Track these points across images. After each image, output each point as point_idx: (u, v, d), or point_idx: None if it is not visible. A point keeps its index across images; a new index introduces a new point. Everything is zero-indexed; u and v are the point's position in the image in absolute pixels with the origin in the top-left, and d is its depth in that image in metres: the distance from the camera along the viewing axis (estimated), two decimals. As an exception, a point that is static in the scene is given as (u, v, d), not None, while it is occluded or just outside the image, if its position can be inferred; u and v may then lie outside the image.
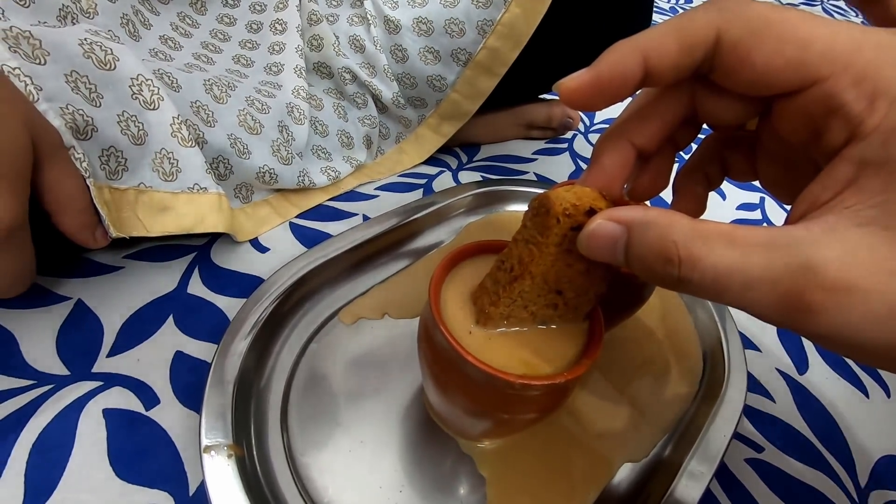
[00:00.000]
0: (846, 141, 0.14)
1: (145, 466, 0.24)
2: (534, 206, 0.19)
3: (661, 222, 0.14)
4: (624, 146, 0.18)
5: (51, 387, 0.26)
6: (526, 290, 0.20)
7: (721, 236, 0.13)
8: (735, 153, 0.20)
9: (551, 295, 0.20)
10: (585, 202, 0.17)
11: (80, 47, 0.28)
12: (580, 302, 0.21)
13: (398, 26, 0.44)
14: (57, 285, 0.31)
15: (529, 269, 0.19)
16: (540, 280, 0.19)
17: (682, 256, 0.13)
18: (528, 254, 0.19)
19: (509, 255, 0.20)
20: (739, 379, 0.32)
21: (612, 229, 0.15)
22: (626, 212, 0.15)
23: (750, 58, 0.14)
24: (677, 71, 0.16)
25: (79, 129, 0.27)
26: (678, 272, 0.14)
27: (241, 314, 0.29)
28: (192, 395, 0.27)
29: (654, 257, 0.14)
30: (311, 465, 0.25)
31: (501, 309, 0.20)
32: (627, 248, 0.15)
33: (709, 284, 0.13)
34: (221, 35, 0.44)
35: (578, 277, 0.19)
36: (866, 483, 0.31)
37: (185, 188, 0.33)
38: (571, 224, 0.17)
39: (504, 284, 0.20)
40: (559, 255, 0.18)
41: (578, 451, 0.28)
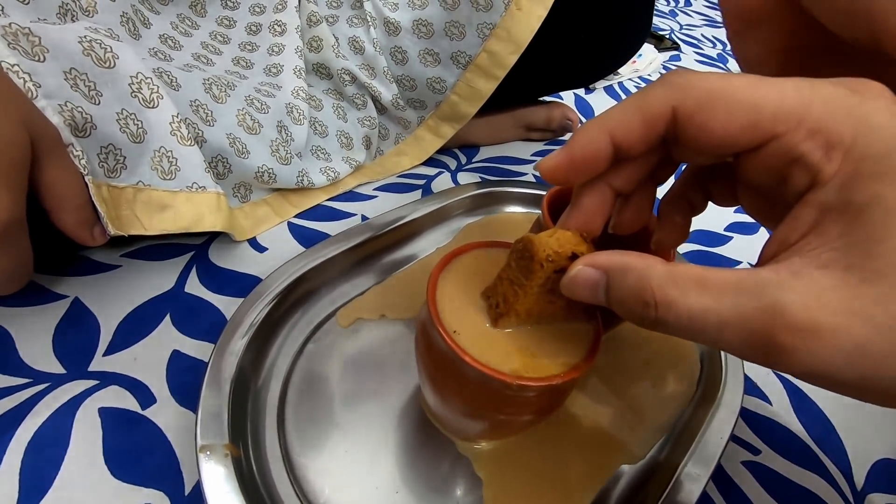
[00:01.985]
0: (808, 186, 0.14)
1: (141, 466, 0.24)
2: (518, 249, 0.20)
3: (638, 267, 0.15)
4: (602, 188, 0.19)
5: (46, 385, 0.26)
6: (512, 325, 0.21)
7: (694, 281, 0.14)
8: (716, 182, 0.21)
9: (535, 327, 0.21)
10: (567, 248, 0.18)
11: (79, 45, 0.28)
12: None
13: (398, 28, 0.44)
14: (54, 283, 0.31)
15: (514, 308, 0.20)
16: (524, 315, 0.21)
17: (657, 300, 0.14)
18: (514, 294, 0.20)
19: (495, 292, 0.21)
20: (736, 381, 0.32)
21: (592, 275, 0.17)
22: (605, 257, 0.16)
23: (707, 127, 0.15)
24: (645, 144, 0.17)
25: (77, 127, 0.27)
26: (655, 314, 0.14)
27: (239, 314, 0.29)
28: (189, 395, 0.27)
29: (632, 301, 0.15)
30: (308, 466, 0.25)
31: None
32: (608, 292, 0.16)
33: (684, 326, 0.14)
34: (221, 37, 0.44)
35: (559, 312, 0.21)
36: (862, 486, 0.31)
37: (184, 187, 0.32)
38: (554, 268, 0.18)
39: (491, 320, 0.21)
40: (542, 294, 0.19)
41: (575, 454, 0.28)
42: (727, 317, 0.13)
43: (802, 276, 0.13)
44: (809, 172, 0.14)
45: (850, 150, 0.13)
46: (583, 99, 0.72)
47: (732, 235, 0.50)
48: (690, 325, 0.14)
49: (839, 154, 0.14)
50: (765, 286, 0.13)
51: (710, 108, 0.15)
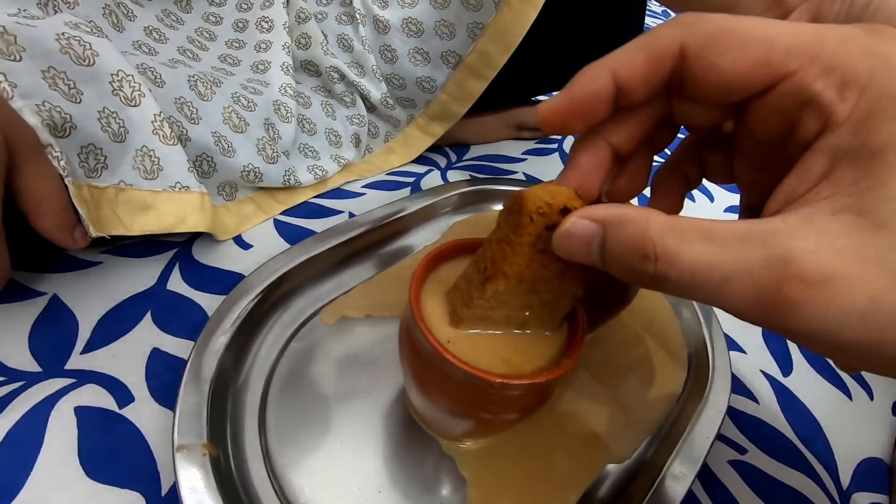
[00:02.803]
0: (819, 132, 0.14)
1: (117, 466, 0.24)
2: (508, 205, 0.18)
3: (638, 218, 0.14)
4: (601, 146, 0.18)
5: (21, 384, 0.26)
6: (500, 292, 0.19)
7: (697, 231, 0.13)
8: (713, 154, 0.20)
9: (526, 297, 0.20)
10: (560, 201, 0.17)
11: (57, 42, 0.27)
12: (557, 306, 0.20)
13: (387, 26, 0.44)
14: (32, 280, 0.31)
15: (502, 269, 0.18)
16: (514, 281, 0.19)
17: (658, 252, 0.13)
18: (501, 253, 0.18)
19: (483, 256, 0.20)
20: (723, 380, 0.32)
21: (588, 227, 0.15)
22: (602, 210, 0.15)
23: (716, 65, 0.14)
24: (648, 85, 0.16)
25: (56, 127, 0.26)
26: (655, 269, 0.13)
27: (221, 311, 0.29)
28: (169, 394, 0.27)
29: (630, 254, 0.14)
30: (289, 465, 0.25)
31: (474, 310, 0.20)
32: (603, 246, 0.15)
33: (686, 280, 0.13)
34: (207, 34, 0.44)
35: (553, 279, 0.19)
36: (848, 485, 0.31)
37: (167, 187, 0.32)
38: (545, 223, 0.17)
39: (477, 285, 0.19)
40: (533, 255, 0.18)
41: (561, 453, 0.28)
42: (732, 269, 0.12)
43: (813, 223, 0.12)
44: (821, 115, 0.13)
45: (865, 89, 0.13)
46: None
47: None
48: (692, 280, 0.13)
49: (854, 93, 0.13)
50: (773, 235, 0.12)
51: (721, 43, 0.14)
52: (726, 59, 0.14)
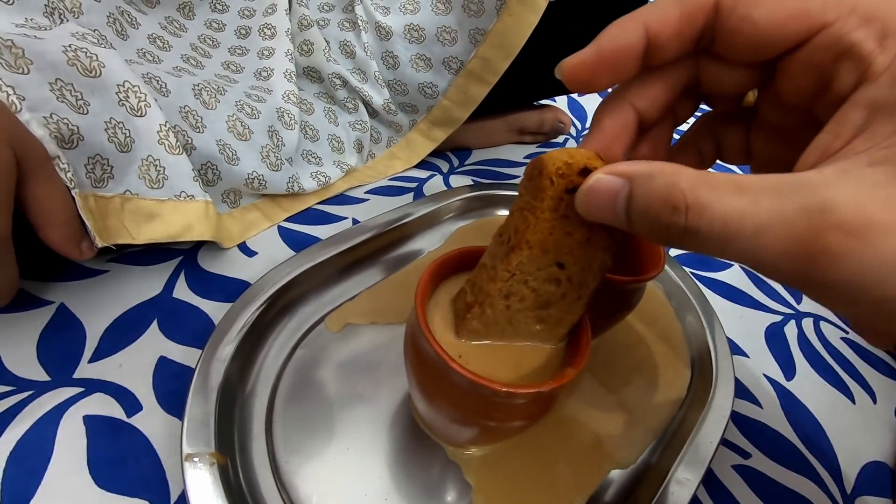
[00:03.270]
0: (856, 85, 0.13)
1: (125, 474, 0.24)
2: (528, 171, 0.18)
3: (667, 171, 0.13)
4: (625, 109, 0.17)
5: (30, 393, 0.26)
6: (524, 262, 0.18)
7: (729, 183, 0.13)
8: (730, 130, 0.20)
9: (552, 268, 0.19)
10: (579, 161, 0.16)
11: (64, 54, 0.27)
12: (584, 277, 0.20)
13: (389, 33, 0.44)
14: (39, 289, 0.31)
15: (526, 237, 0.18)
16: (538, 250, 0.18)
17: (689, 203, 0.13)
18: (524, 221, 0.18)
19: (506, 227, 0.19)
20: (727, 385, 0.32)
21: (613, 182, 0.14)
22: (628, 164, 0.14)
23: (750, 17, 0.14)
24: (679, 41, 0.15)
25: (64, 139, 0.27)
26: (685, 221, 0.13)
27: (227, 319, 0.29)
28: (176, 402, 0.27)
29: (659, 207, 0.13)
30: (296, 473, 0.25)
31: (499, 284, 0.19)
32: (629, 202, 0.14)
33: (717, 232, 0.12)
34: (210, 41, 0.44)
35: (579, 248, 0.18)
36: (852, 489, 0.31)
37: (172, 196, 0.32)
38: (566, 185, 0.17)
39: (501, 257, 0.19)
40: (556, 221, 0.17)
41: (566, 459, 0.28)
42: (766, 219, 0.12)
43: (851, 174, 0.12)
44: (859, 66, 0.13)
45: None
46: (576, 101, 0.73)
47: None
48: (724, 232, 0.12)
49: (894, 43, 0.12)
50: (810, 185, 0.12)
51: None
52: (761, 11, 0.14)
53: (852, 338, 0.42)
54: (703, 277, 0.44)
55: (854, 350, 0.41)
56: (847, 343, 0.41)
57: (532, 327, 0.21)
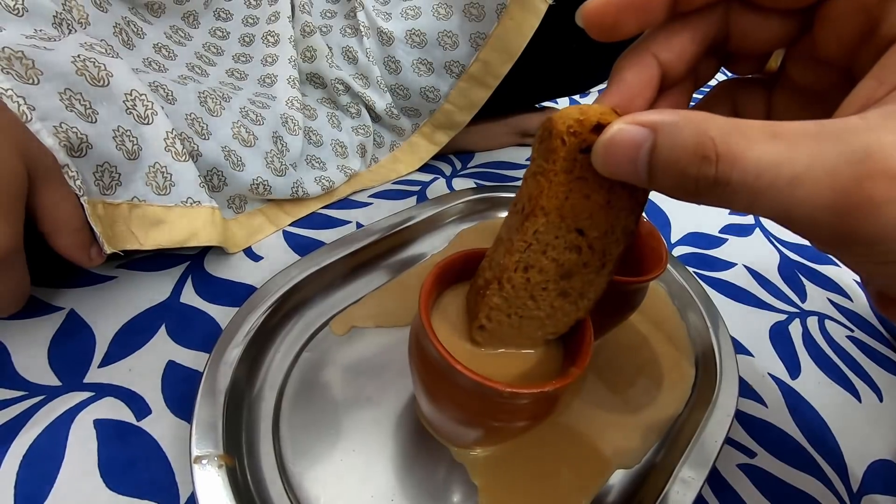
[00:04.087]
0: None
1: (136, 477, 0.24)
2: (539, 134, 0.17)
3: (696, 118, 0.12)
4: (649, 61, 0.16)
5: (42, 398, 0.26)
6: (541, 231, 0.17)
7: (762, 130, 0.12)
8: (750, 96, 0.19)
9: (571, 235, 0.18)
10: (592, 117, 0.15)
11: (73, 65, 0.28)
12: (606, 244, 0.18)
13: (391, 38, 0.45)
14: (50, 295, 0.31)
15: (540, 203, 0.17)
16: (555, 217, 0.17)
17: (720, 152, 0.12)
18: (537, 187, 0.17)
19: (520, 196, 0.18)
20: (731, 384, 0.32)
21: (635, 133, 0.13)
22: (652, 114, 0.13)
23: None
24: None
25: (73, 147, 0.27)
26: (715, 171, 0.12)
27: (234, 323, 0.29)
28: (184, 405, 0.27)
29: (687, 157, 0.12)
30: (303, 475, 0.25)
31: (517, 256, 0.18)
32: (653, 154, 0.13)
33: (750, 183, 0.12)
34: (215, 48, 0.45)
35: (599, 212, 0.17)
36: (858, 488, 0.31)
37: (179, 202, 0.33)
38: (579, 144, 0.15)
39: (517, 227, 0.18)
40: (572, 184, 0.16)
41: (571, 459, 0.28)
42: (804, 168, 0.11)
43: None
44: None
45: None
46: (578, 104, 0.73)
47: (727, 237, 0.50)
48: (756, 182, 0.11)
49: None
50: (852, 131, 0.11)
51: None
52: None
53: (858, 336, 0.42)
54: (706, 277, 0.44)
55: (859, 348, 0.41)
56: (852, 341, 0.41)
57: (554, 301, 0.20)
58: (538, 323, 0.21)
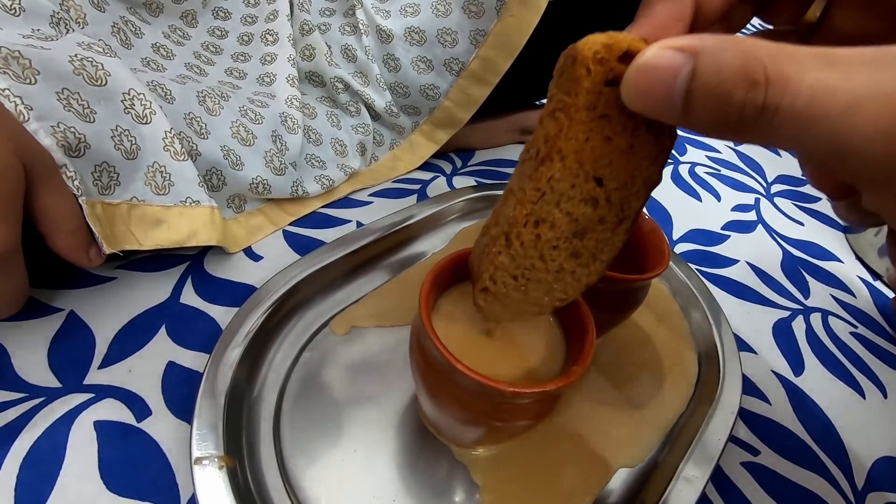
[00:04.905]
0: None
1: (136, 479, 0.24)
2: (559, 65, 0.15)
3: (741, 42, 0.11)
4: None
5: (42, 399, 0.26)
6: (556, 177, 0.16)
7: (815, 55, 0.11)
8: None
9: (589, 185, 0.16)
10: (621, 43, 0.14)
11: (70, 64, 0.28)
12: (626, 196, 0.17)
13: (390, 36, 0.44)
14: (49, 297, 0.31)
15: (558, 145, 0.15)
16: (573, 162, 0.15)
17: (770, 75, 0.11)
18: (555, 125, 0.15)
19: (534, 140, 0.17)
20: (734, 381, 0.32)
21: (673, 57, 0.12)
22: (691, 38, 0.12)
23: None
24: None
25: (71, 147, 0.27)
26: (764, 96, 0.11)
27: (234, 323, 0.29)
28: (185, 406, 0.27)
29: (732, 82, 0.11)
30: (304, 476, 0.25)
31: (528, 207, 0.17)
32: (693, 80, 0.12)
33: (800, 110, 0.11)
34: (213, 48, 0.45)
35: (620, 158, 0.16)
36: (863, 485, 0.31)
37: (178, 202, 0.33)
38: (605, 74, 0.14)
39: (529, 174, 0.16)
40: (594, 123, 0.15)
41: (573, 458, 0.28)
42: (864, 93, 0.10)
43: None
44: None
45: None
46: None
47: (729, 234, 0.50)
48: (808, 108, 0.11)
49: None
50: None
51: None
52: None
53: (861, 333, 0.42)
54: (708, 274, 0.44)
55: (864, 345, 0.40)
56: (856, 338, 0.41)
57: (565, 262, 0.18)
58: (546, 287, 0.19)
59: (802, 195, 0.59)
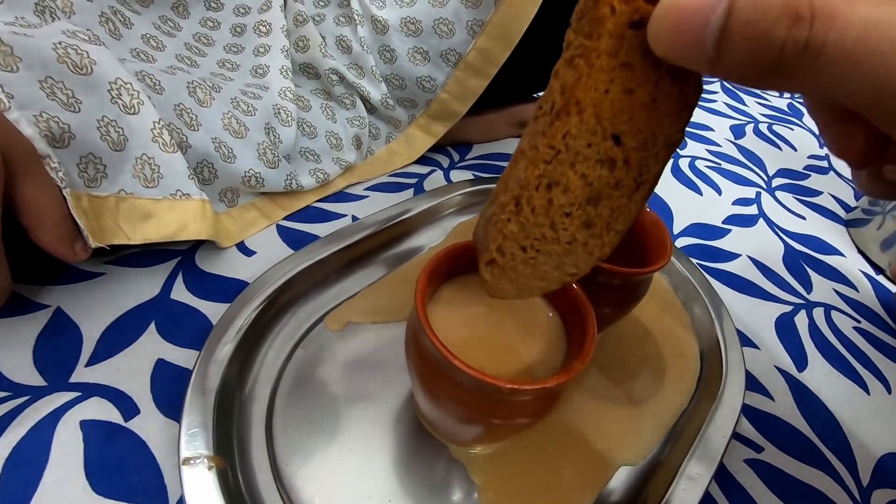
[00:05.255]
0: None
1: (123, 480, 0.23)
2: (578, 8, 0.15)
3: None
4: None
5: (26, 398, 0.25)
6: (573, 133, 0.15)
7: None
8: None
9: (606, 143, 0.15)
10: None
11: (54, 51, 0.27)
12: (645, 158, 0.16)
13: (386, 26, 0.43)
14: (35, 293, 0.30)
15: (576, 95, 0.14)
16: (591, 115, 0.14)
17: (816, 9, 0.10)
18: (574, 74, 0.14)
19: (548, 94, 0.15)
20: (737, 377, 0.32)
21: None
22: None
23: None
24: None
25: (55, 137, 0.26)
26: (808, 33, 0.10)
27: (225, 319, 0.28)
28: (174, 405, 0.26)
29: (774, 16, 0.10)
30: (297, 475, 0.24)
31: (541, 168, 0.16)
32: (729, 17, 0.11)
33: (850, 47, 0.10)
34: (205, 39, 0.44)
35: (641, 112, 0.15)
36: (868, 482, 0.30)
37: (168, 195, 0.32)
38: (630, 15, 0.13)
39: (543, 130, 0.15)
40: (615, 72, 0.14)
41: (573, 456, 0.27)
42: None
43: None
44: None
45: None
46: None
47: (731, 228, 0.49)
48: (858, 46, 0.10)
49: None
50: None
51: None
52: None
53: (865, 327, 0.41)
54: (709, 268, 0.43)
55: (867, 340, 0.40)
56: (859, 332, 0.40)
57: (577, 232, 0.17)
58: (556, 260, 0.18)
59: (804, 189, 0.58)
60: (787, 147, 0.66)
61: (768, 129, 0.69)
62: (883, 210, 0.49)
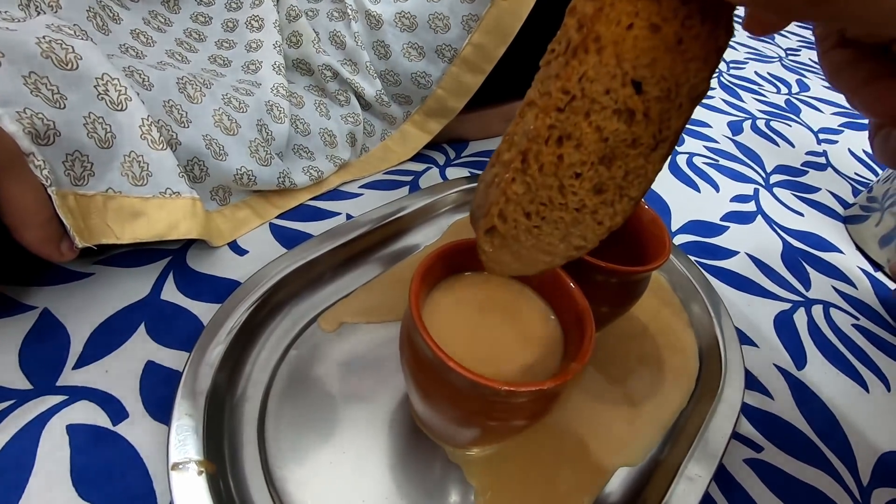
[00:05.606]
0: None
1: (111, 486, 0.23)
2: None
3: None
4: None
5: (11, 402, 0.25)
6: (590, 76, 0.13)
7: None
8: None
9: (626, 90, 0.14)
10: None
11: (38, 46, 0.26)
12: (666, 111, 0.14)
13: (380, 21, 0.43)
14: (21, 294, 0.30)
15: (596, 29, 0.13)
16: (610, 55, 0.13)
17: None
18: (595, 5, 0.12)
19: (563, 31, 0.14)
20: (736, 376, 0.31)
21: None
22: None
23: None
24: None
25: (39, 134, 0.26)
26: None
27: (216, 320, 0.28)
28: (164, 408, 0.26)
29: None
30: (290, 479, 0.24)
31: (553, 117, 0.14)
32: None
33: None
34: (196, 34, 0.43)
35: (666, 56, 0.13)
36: (868, 481, 0.30)
37: (157, 193, 0.31)
38: None
39: (556, 73, 0.14)
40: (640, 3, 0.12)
41: (571, 457, 0.27)
42: None
43: None
44: None
45: None
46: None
47: (729, 225, 0.49)
48: None
49: None
50: None
51: None
52: None
53: (863, 325, 0.41)
54: (708, 266, 0.43)
55: (866, 337, 0.40)
56: (858, 330, 0.40)
57: (587, 198, 0.16)
58: (562, 230, 0.17)
59: (802, 185, 0.58)
60: (784, 143, 0.66)
61: (766, 125, 0.69)
62: (881, 206, 0.49)
